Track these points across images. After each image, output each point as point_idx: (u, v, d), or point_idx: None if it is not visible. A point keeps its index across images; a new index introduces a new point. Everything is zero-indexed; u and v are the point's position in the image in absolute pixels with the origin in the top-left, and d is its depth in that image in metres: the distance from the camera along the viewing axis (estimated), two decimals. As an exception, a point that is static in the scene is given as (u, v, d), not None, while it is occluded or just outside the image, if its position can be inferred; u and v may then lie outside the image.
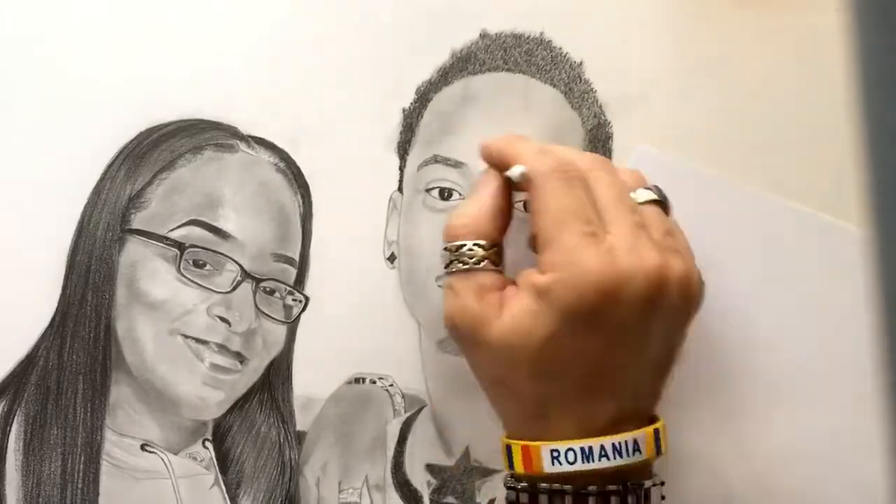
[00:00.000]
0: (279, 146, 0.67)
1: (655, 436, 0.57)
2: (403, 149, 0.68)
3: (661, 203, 0.59)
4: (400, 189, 0.68)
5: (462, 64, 0.68)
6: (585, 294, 0.54)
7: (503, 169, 0.59)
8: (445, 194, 0.67)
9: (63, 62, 0.67)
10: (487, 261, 0.58)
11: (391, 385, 0.66)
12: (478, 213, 0.59)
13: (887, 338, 0.37)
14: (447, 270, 0.58)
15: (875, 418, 0.44)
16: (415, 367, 0.67)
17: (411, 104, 0.67)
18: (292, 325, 0.67)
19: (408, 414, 0.67)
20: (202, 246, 0.65)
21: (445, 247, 0.59)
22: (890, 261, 0.37)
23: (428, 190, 0.66)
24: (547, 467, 0.56)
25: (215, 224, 0.66)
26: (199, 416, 0.66)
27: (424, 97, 0.68)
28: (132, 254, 0.66)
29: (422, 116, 0.67)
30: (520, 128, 0.66)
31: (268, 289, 0.66)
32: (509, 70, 0.68)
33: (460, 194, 0.66)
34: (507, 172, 0.58)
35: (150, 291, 0.65)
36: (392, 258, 0.67)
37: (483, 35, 0.68)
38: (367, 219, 0.67)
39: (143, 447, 0.65)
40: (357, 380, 0.66)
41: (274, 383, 0.67)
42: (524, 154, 0.58)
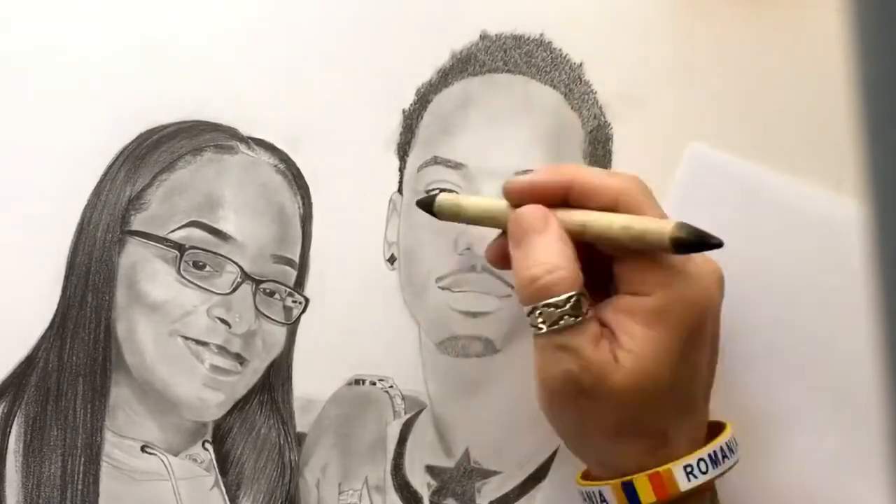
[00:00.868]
0: (279, 147, 0.67)
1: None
2: (403, 150, 0.67)
3: None
4: (400, 190, 0.67)
5: (462, 65, 0.67)
6: (699, 304, 0.55)
7: (547, 201, 0.56)
8: (445, 195, 0.67)
9: (63, 63, 0.67)
10: (589, 307, 0.55)
11: (391, 386, 0.66)
12: (567, 263, 0.54)
13: (888, 336, 0.37)
14: (553, 329, 0.54)
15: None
16: (415, 369, 0.66)
17: (411, 105, 0.67)
18: (292, 327, 0.67)
19: (408, 415, 0.67)
20: (202, 247, 0.65)
21: (546, 303, 0.54)
22: (890, 261, 0.37)
23: (428, 191, 0.66)
24: (683, 485, 0.55)
25: (215, 225, 0.66)
26: (199, 418, 0.66)
27: (424, 98, 0.67)
28: (132, 255, 0.66)
29: (422, 118, 0.67)
30: (520, 129, 0.66)
31: (268, 290, 0.66)
32: (509, 71, 0.67)
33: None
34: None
35: (150, 293, 0.65)
36: (392, 259, 0.67)
37: (483, 36, 0.68)
38: (367, 220, 0.67)
39: (143, 448, 0.65)
40: (357, 381, 0.66)
41: (274, 385, 0.67)
42: (585, 174, 0.57)
